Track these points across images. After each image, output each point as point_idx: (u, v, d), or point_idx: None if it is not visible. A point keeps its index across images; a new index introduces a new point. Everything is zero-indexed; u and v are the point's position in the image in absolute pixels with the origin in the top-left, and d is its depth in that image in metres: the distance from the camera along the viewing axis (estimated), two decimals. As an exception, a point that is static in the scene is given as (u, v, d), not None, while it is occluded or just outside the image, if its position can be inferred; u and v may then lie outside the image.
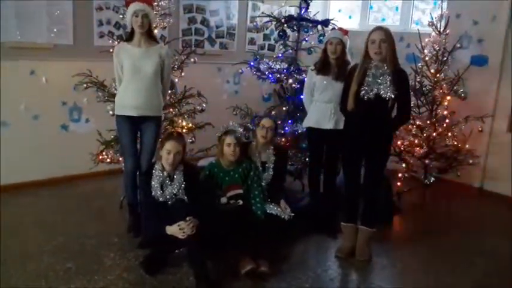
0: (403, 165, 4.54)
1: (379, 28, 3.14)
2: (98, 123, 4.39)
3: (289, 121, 4.34)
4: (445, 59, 4.38)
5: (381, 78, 3.11)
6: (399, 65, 3.17)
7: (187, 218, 2.91)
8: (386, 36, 3.07)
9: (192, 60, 4.15)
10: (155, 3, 3.80)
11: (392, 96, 3.10)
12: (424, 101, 4.45)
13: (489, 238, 3.92)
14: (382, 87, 3.10)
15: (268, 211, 3.45)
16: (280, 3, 5.75)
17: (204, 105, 4.21)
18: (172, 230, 2.93)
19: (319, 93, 3.72)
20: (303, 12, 4.35)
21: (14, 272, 2.95)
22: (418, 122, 4.46)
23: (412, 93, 4.15)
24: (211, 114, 4.28)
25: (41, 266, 3.05)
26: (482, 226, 4.21)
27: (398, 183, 4.59)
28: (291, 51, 4.53)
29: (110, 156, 3.95)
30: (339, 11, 6.45)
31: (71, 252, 3.24)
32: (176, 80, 4.07)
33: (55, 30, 4.33)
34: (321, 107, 3.71)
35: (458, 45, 4.44)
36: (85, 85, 3.90)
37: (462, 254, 3.60)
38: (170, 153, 3.07)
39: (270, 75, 4.35)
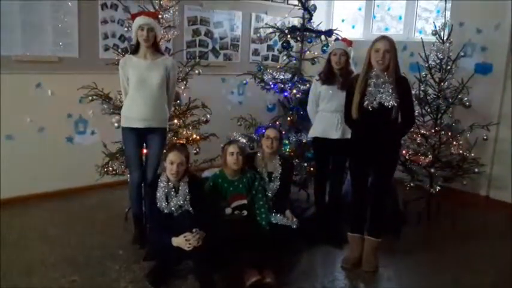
0: (408, 174, 4.52)
1: (384, 37, 3.15)
2: (103, 136, 4.41)
3: (294, 131, 4.34)
4: (449, 67, 4.37)
5: (383, 86, 3.11)
6: (400, 73, 3.18)
7: (194, 230, 2.91)
8: (390, 46, 3.09)
9: (196, 71, 4.17)
10: (160, 16, 3.84)
11: (395, 104, 3.10)
12: (429, 110, 4.43)
13: (497, 247, 3.88)
14: (384, 96, 3.10)
15: (274, 222, 3.45)
16: (283, 14, 5.79)
17: (209, 116, 4.22)
18: (178, 241, 2.93)
19: (325, 103, 3.73)
20: (306, 22, 4.37)
21: (19, 284, 2.96)
22: (422, 131, 4.45)
23: (416, 102, 4.15)
24: (215, 125, 4.30)
25: (46, 279, 3.05)
26: (489, 235, 4.18)
27: (404, 193, 4.56)
28: (294, 61, 4.54)
29: (115, 168, 3.96)
30: (343, 21, 6.47)
31: (76, 265, 3.24)
32: (181, 91, 4.09)
33: (60, 43, 4.39)
34: (328, 116, 3.71)
35: (462, 53, 4.43)
36: (90, 98, 3.92)
37: (470, 264, 3.56)
38: (173, 164, 3.08)
39: (274, 86, 4.37)
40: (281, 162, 3.67)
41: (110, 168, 3.97)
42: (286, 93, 4.39)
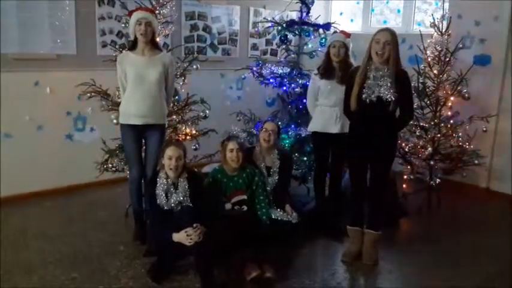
0: (408, 167, 4.52)
1: (385, 29, 3.14)
2: (102, 132, 4.41)
3: (293, 125, 4.34)
4: (447, 59, 4.36)
5: (382, 80, 3.10)
6: (401, 66, 3.17)
7: (195, 225, 2.92)
8: (391, 38, 3.07)
9: (194, 67, 4.15)
10: (157, 12, 3.82)
11: (393, 98, 3.09)
12: (428, 102, 4.43)
13: (497, 239, 3.87)
14: (383, 89, 3.09)
15: (273, 216, 3.45)
16: (281, 8, 5.77)
17: (207, 111, 4.21)
18: (179, 237, 2.93)
19: (324, 97, 3.72)
20: (304, 16, 4.36)
21: (19, 282, 2.96)
22: (422, 123, 4.44)
23: (415, 94, 4.14)
24: (214, 121, 4.29)
25: (46, 276, 3.05)
26: (489, 227, 4.18)
27: (404, 185, 4.57)
28: (293, 55, 4.53)
29: (114, 164, 3.96)
30: (341, 14, 6.45)
31: (77, 262, 3.25)
32: (179, 87, 4.08)
33: (58, 40, 4.37)
34: (327, 111, 3.71)
35: (460, 45, 4.42)
36: (89, 94, 3.91)
37: (470, 256, 3.57)
38: (172, 159, 3.08)
39: (273, 80, 4.36)
40: (279, 157, 3.68)
41: (110, 165, 3.97)
42: (285, 87, 4.38)
